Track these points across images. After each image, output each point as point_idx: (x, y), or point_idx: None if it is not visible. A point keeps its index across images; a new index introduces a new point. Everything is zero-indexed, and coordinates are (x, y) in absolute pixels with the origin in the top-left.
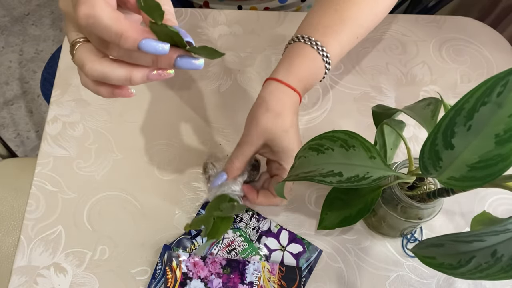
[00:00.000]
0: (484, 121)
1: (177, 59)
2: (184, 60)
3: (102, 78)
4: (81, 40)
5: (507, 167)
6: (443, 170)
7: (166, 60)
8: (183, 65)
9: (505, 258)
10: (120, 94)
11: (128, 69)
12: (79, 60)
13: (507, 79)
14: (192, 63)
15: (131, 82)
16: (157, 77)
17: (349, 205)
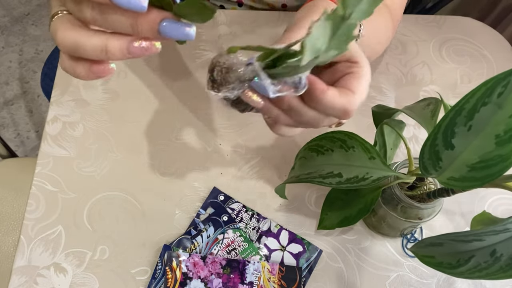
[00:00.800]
0: (484, 121)
1: (161, 24)
2: (170, 25)
3: (75, 48)
4: (63, 12)
5: (507, 167)
6: (443, 170)
7: (148, 25)
8: (169, 32)
9: (504, 257)
10: (98, 71)
11: (104, 36)
12: (53, 28)
13: (508, 80)
14: (180, 30)
15: (108, 53)
16: (139, 50)
17: (349, 205)
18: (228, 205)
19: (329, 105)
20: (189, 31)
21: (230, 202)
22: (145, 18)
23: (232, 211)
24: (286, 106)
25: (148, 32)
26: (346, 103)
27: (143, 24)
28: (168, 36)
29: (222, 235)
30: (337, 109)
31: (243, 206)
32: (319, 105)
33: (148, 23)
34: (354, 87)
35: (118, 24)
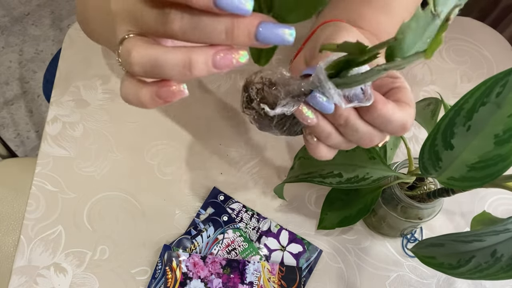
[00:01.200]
0: (483, 121)
1: (259, 28)
2: (268, 28)
3: (154, 65)
4: (131, 34)
5: (506, 167)
6: (442, 170)
7: (245, 29)
8: (268, 37)
9: (505, 258)
10: (166, 94)
11: (186, 50)
12: (125, 51)
13: (507, 80)
14: (279, 33)
15: (191, 68)
16: (225, 62)
17: (349, 205)
18: (228, 205)
19: (389, 118)
20: (289, 35)
21: (230, 202)
22: (243, 21)
23: (232, 211)
24: (343, 121)
25: (245, 38)
26: (406, 116)
27: (240, 28)
28: (266, 41)
29: (222, 235)
30: (396, 122)
31: (243, 206)
32: (379, 118)
33: (246, 26)
34: (408, 100)
35: (210, 32)
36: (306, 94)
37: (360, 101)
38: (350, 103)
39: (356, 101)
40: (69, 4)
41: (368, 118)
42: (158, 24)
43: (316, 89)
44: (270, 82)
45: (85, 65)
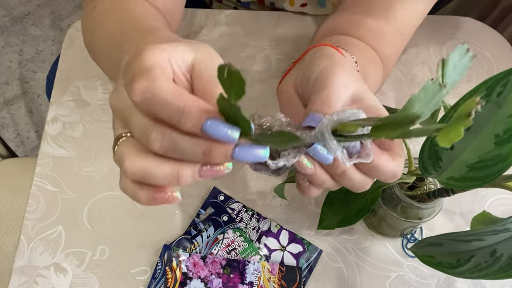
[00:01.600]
0: (483, 121)
1: (235, 149)
2: (244, 149)
3: (143, 175)
4: (127, 134)
5: (506, 167)
6: (442, 170)
7: (222, 151)
8: (243, 156)
9: (504, 257)
10: (161, 199)
11: (175, 164)
12: (119, 155)
13: (507, 79)
14: (254, 154)
15: (179, 180)
16: (210, 173)
17: (349, 205)
18: (228, 205)
19: (383, 170)
20: (262, 154)
21: (230, 202)
22: (219, 146)
23: (232, 211)
24: (340, 172)
25: (221, 159)
26: (398, 166)
27: (217, 152)
28: (241, 160)
29: (222, 235)
30: (389, 173)
31: (243, 206)
32: (374, 170)
33: (223, 149)
34: (399, 149)
35: (189, 153)
36: (306, 146)
37: (359, 155)
38: (351, 157)
39: (356, 156)
40: (69, 4)
41: (363, 168)
42: (142, 138)
43: (317, 142)
44: (270, 130)
45: (85, 65)
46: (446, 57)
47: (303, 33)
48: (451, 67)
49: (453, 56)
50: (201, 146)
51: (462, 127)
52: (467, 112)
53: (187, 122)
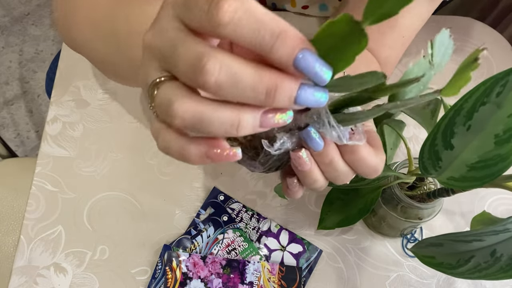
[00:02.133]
0: (483, 121)
1: (300, 90)
2: (309, 92)
3: (198, 121)
4: (165, 77)
5: (506, 167)
6: (442, 170)
7: (288, 90)
8: (304, 99)
9: (504, 258)
10: (218, 156)
11: (236, 109)
12: (163, 98)
13: (507, 79)
14: (317, 98)
15: (239, 128)
16: (272, 122)
17: (349, 205)
18: (228, 205)
19: (367, 163)
20: (323, 98)
21: (230, 202)
22: (289, 83)
23: (232, 211)
24: (328, 160)
25: (285, 102)
26: (379, 163)
27: (283, 91)
28: (302, 104)
29: (222, 235)
30: (372, 167)
31: (243, 206)
32: (358, 161)
33: (289, 90)
34: (380, 146)
35: (250, 91)
36: (300, 128)
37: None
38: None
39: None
40: None
41: (348, 159)
42: (191, 73)
43: (312, 124)
44: None
45: (85, 65)
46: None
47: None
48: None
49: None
50: (267, 81)
51: (470, 72)
52: (474, 58)
53: (280, 49)
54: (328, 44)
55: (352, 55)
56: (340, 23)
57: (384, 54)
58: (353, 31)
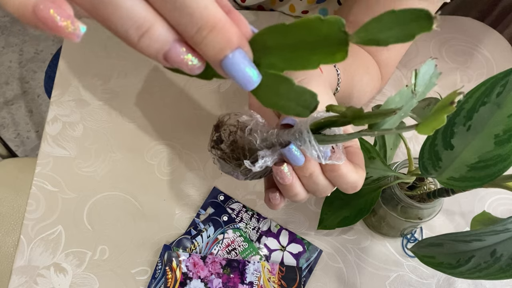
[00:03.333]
0: (483, 121)
1: (234, 52)
2: (240, 60)
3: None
4: None
5: (506, 167)
6: (442, 170)
7: (224, 39)
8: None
9: (504, 257)
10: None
11: (154, 14)
12: None
13: (507, 80)
14: (245, 72)
15: (142, 37)
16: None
17: (349, 205)
18: (228, 205)
19: (346, 179)
20: (253, 78)
21: (230, 202)
22: (233, 34)
23: (232, 211)
24: (308, 174)
25: (214, 48)
26: (359, 180)
27: (219, 36)
28: (228, 72)
29: (222, 235)
30: (351, 183)
31: (243, 206)
32: (338, 178)
33: (226, 39)
34: (362, 163)
35: (187, 16)
36: (282, 144)
37: (331, 158)
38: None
39: (328, 158)
40: None
41: (329, 175)
42: None
43: (294, 141)
44: (245, 127)
45: (85, 64)
46: (418, 69)
47: None
48: (421, 78)
49: (424, 68)
50: (212, 16)
51: (445, 115)
52: (450, 101)
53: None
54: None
55: (317, 60)
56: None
57: (383, 56)
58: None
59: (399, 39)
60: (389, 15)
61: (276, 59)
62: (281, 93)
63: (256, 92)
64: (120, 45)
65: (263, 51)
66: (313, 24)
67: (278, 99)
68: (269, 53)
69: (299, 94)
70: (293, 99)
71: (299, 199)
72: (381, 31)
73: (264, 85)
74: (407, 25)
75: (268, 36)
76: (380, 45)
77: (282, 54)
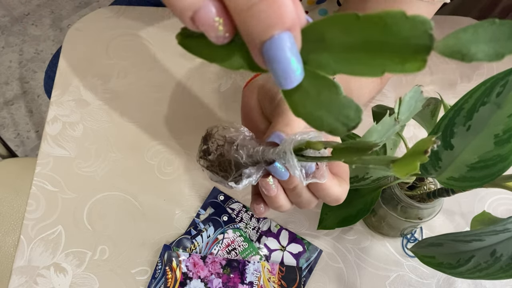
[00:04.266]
0: (483, 121)
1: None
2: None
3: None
4: None
5: (506, 167)
6: (442, 170)
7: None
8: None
9: (504, 257)
10: None
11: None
12: None
13: (507, 79)
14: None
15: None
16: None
17: (349, 205)
18: (228, 205)
19: (329, 193)
20: (296, 72)
21: (230, 202)
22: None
23: (232, 211)
24: (292, 187)
25: (258, 26)
26: (342, 193)
27: (268, 8)
28: (269, 59)
29: (222, 235)
30: (334, 196)
31: (243, 206)
32: (321, 191)
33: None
34: (346, 176)
35: None
36: (267, 162)
37: (314, 176)
38: (307, 177)
39: (311, 176)
40: (69, 4)
41: (312, 188)
42: None
43: (278, 160)
44: (232, 142)
45: (85, 65)
46: (402, 97)
47: None
48: (406, 105)
49: (408, 95)
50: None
51: (418, 162)
52: (424, 149)
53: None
54: (371, 33)
55: (382, 66)
56: (416, 23)
57: None
58: (419, 44)
59: (487, 57)
60: (488, 26)
61: (329, 58)
62: (321, 101)
63: (290, 94)
64: (120, 45)
65: (316, 45)
66: (394, 20)
67: (315, 108)
68: (323, 48)
69: (343, 107)
70: (334, 112)
71: (283, 210)
72: (474, 43)
73: (303, 88)
74: (501, 42)
75: (328, 27)
76: (464, 60)
77: (339, 53)
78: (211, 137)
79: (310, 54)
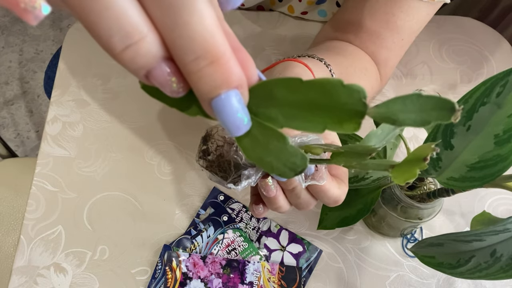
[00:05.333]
0: (483, 121)
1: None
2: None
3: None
4: None
5: (506, 167)
6: (442, 170)
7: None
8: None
9: (504, 258)
10: None
11: (148, 23)
12: None
13: (506, 80)
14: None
15: (133, 45)
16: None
17: (349, 205)
18: (228, 205)
19: (328, 194)
20: (243, 123)
21: (230, 202)
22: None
23: (232, 211)
24: (291, 187)
25: (205, 86)
26: (341, 194)
27: (215, 72)
28: (217, 113)
29: (222, 235)
30: (332, 198)
31: (243, 206)
32: (320, 193)
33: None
34: (345, 177)
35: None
36: None
37: (313, 178)
38: (306, 178)
39: (310, 178)
40: None
41: (311, 190)
42: None
43: None
44: (232, 143)
45: (85, 65)
46: None
47: (303, 33)
48: None
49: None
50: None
51: (417, 169)
52: (423, 156)
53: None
54: (314, 96)
55: (323, 124)
56: (351, 91)
57: (383, 56)
58: (354, 109)
59: (415, 123)
60: (415, 99)
61: (278, 113)
62: (270, 149)
63: (241, 140)
64: None
65: (266, 101)
66: (333, 87)
67: (265, 154)
68: (271, 105)
69: (290, 155)
70: (282, 159)
71: (282, 211)
72: (402, 113)
73: (253, 136)
74: (427, 112)
75: (277, 87)
76: (394, 124)
77: (286, 109)
78: (210, 138)
79: (260, 108)
